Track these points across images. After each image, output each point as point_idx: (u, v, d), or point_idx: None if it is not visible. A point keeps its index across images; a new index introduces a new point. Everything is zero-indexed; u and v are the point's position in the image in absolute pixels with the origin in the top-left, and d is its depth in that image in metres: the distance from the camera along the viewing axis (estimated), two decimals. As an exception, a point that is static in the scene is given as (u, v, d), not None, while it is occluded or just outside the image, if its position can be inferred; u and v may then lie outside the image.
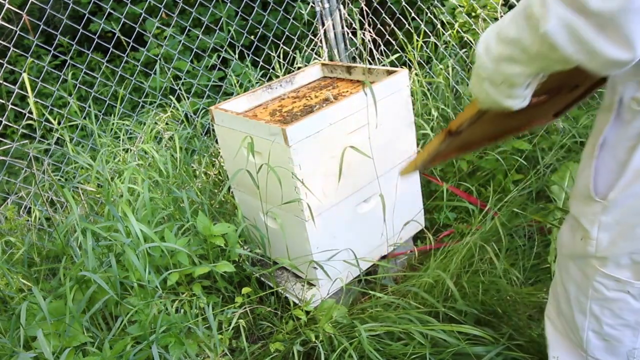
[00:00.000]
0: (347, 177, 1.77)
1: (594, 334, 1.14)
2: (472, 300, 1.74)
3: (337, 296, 1.90)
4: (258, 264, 1.97)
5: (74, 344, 1.50)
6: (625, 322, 1.08)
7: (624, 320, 1.08)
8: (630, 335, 1.09)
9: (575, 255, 1.11)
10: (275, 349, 1.70)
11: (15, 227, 2.28)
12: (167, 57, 3.94)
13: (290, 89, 2.15)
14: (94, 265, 1.61)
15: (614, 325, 1.10)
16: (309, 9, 3.01)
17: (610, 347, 1.13)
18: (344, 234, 1.85)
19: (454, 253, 1.86)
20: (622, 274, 1.03)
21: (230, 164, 1.96)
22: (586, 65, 0.78)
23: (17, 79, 3.55)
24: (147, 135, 2.58)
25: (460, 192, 2.21)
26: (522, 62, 0.86)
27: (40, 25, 2.42)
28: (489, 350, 1.54)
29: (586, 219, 1.05)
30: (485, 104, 0.97)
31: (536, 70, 0.87)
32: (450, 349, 1.55)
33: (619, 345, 1.11)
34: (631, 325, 1.08)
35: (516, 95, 0.93)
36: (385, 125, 1.83)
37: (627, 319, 1.07)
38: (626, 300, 1.05)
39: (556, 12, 0.73)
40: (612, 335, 1.11)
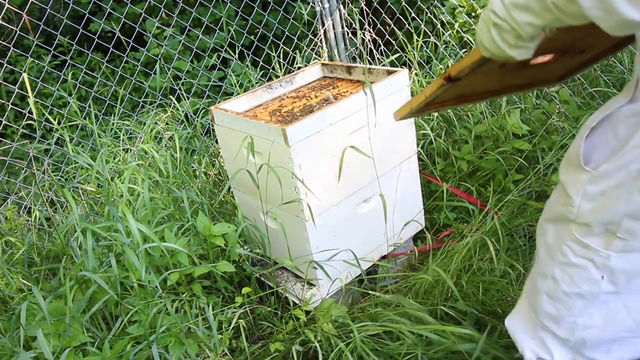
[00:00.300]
0: (347, 177, 1.77)
1: (547, 298, 1.16)
2: (472, 300, 1.74)
3: (337, 296, 1.90)
4: (258, 264, 1.97)
5: (74, 344, 1.50)
6: (580, 291, 1.09)
7: (579, 288, 1.09)
8: (581, 306, 1.10)
9: (555, 219, 1.14)
10: (275, 349, 1.70)
11: (15, 227, 2.28)
12: (167, 57, 3.94)
13: (290, 89, 2.15)
14: (94, 265, 1.61)
15: (568, 293, 1.11)
16: (309, 9, 3.01)
17: (559, 315, 1.14)
18: (344, 234, 1.85)
19: (454, 253, 1.86)
20: (593, 241, 1.05)
21: (230, 164, 1.97)
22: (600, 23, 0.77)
23: (17, 79, 3.55)
24: (147, 135, 2.58)
25: (460, 192, 2.21)
26: (535, 11, 0.85)
27: (40, 25, 2.42)
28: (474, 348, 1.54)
29: (572, 187, 1.07)
30: (489, 51, 0.96)
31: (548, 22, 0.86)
32: (441, 347, 1.55)
33: (567, 315, 1.12)
34: (584, 295, 1.09)
35: (521, 46, 0.92)
36: (385, 125, 1.83)
37: (582, 288, 1.08)
38: (588, 268, 1.06)
39: None
40: (563, 302, 1.12)
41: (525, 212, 2.04)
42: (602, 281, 1.04)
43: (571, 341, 1.16)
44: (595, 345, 1.15)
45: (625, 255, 1.02)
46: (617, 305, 1.06)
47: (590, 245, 1.06)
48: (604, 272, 1.04)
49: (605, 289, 1.05)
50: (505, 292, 1.76)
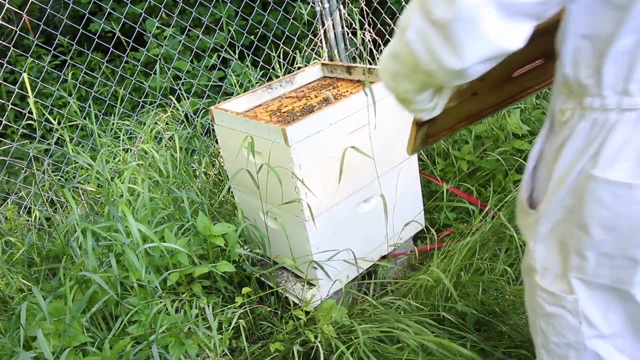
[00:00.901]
0: (347, 177, 1.77)
1: (544, 351, 1.10)
2: (472, 300, 1.74)
3: (337, 296, 1.90)
4: (258, 264, 1.97)
5: (74, 344, 1.50)
6: (567, 341, 1.03)
7: (565, 339, 1.03)
8: (575, 356, 1.03)
9: (525, 269, 1.09)
10: (275, 349, 1.70)
11: (15, 227, 2.28)
12: (167, 57, 3.94)
13: (290, 89, 2.15)
14: (94, 265, 1.61)
15: (558, 344, 1.05)
16: (309, 9, 3.01)
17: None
18: (344, 234, 1.85)
19: (454, 253, 1.86)
20: (557, 287, 1.00)
21: (230, 164, 1.96)
22: (436, 76, 0.79)
23: (17, 79, 3.55)
24: (147, 135, 2.58)
25: (461, 193, 2.21)
26: (405, 76, 0.88)
27: (40, 25, 2.42)
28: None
29: (527, 231, 1.04)
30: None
31: (419, 85, 0.88)
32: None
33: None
34: (572, 345, 1.02)
35: (420, 109, 0.96)
36: (385, 125, 1.83)
37: (568, 338, 1.02)
38: (564, 316, 1.00)
39: (415, 21, 0.76)
40: (559, 354, 1.06)
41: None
42: (582, 327, 0.99)
43: None
44: None
45: (589, 295, 0.96)
46: (608, 350, 1.00)
47: (556, 292, 1.00)
48: (579, 317, 0.98)
49: (588, 334, 0.99)
50: (504, 291, 1.76)
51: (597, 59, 0.83)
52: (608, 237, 0.89)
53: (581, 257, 0.93)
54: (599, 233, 0.89)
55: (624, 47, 0.79)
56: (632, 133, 0.82)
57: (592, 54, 0.84)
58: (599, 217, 0.88)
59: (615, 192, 0.84)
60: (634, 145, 0.82)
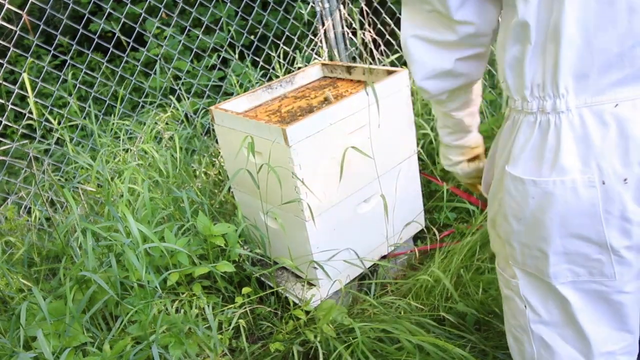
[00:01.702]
0: (348, 177, 1.77)
1: (510, 335, 1.14)
2: (473, 300, 1.74)
3: (337, 296, 1.90)
4: (258, 264, 1.97)
5: (74, 344, 1.50)
6: (519, 323, 1.07)
7: (517, 321, 1.08)
8: (527, 341, 1.07)
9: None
10: (275, 349, 1.70)
11: (15, 227, 2.28)
12: (167, 57, 3.94)
13: (290, 89, 2.15)
14: (94, 265, 1.60)
15: (515, 327, 1.10)
16: (309, 9, 3.01)
17: (520, 351, 1.11)
18: (344, 234, 1.85)
19: (454, 253, 1.86)
20: (506, 271, 1.06)
21: (230, 164, 1.96)
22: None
23: (17, 79, 3.55)
24: (147, 135, 2.58)
25: (461, 192, 2.21)
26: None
27: (40, 25, 2.42)
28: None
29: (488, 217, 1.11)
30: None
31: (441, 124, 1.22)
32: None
33: (524, 352, 1.10)
34: (524, 328, 1.06)
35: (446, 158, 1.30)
36: (385, 125, 1.83)
37: (519, 321, 1.07)
38: (514, 299, 1.06)
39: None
40: (516, 338, 1.11)
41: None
42: (526, 310, 1.03)
43: None
44: None
45: (527, 281, 1.01)
46: (552, 337, 1.02)
47: (505, 275, 1.06)
48: (523, 301, 1.03)
49: (532, 319, 1.03)
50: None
51: (501, 64, 0.94)
52: (521, 227, 0.95)
53: (510, 246, 1.00)
54: (515, 223, 0.96)
55: (513, 55, 0.88)
56: (530, 134, 0.90)
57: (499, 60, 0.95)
58: (511, 209, 0.95)
59: (517, 186, 0.92)
60: (532, 144, 0.89)
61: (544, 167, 0.88)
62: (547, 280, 0.96)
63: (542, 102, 0.87)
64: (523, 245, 0.96)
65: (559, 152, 0.85)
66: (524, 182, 0.90)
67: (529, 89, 0.88)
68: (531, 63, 0.86)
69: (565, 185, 0.86)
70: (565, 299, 0.96)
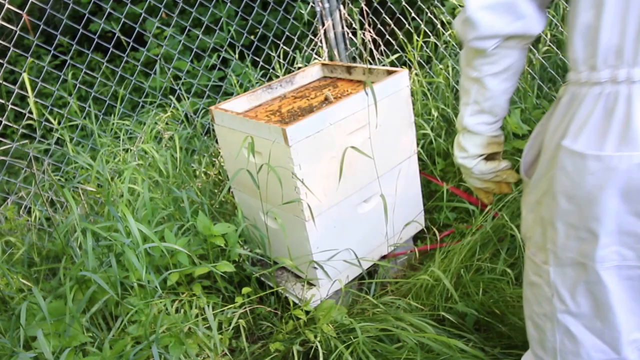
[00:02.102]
0: (347, 177, 1.77)
1: (530, 322, 1.12)
2: (473, 301, 1.74)
3: (337, 296, 1.90)
4: (258, 264, 1.97)
5: (74, 344, 1.50)
6: (544, 311, 1.05)
7: (543, 309, 1.05)
8: (550, 329, 1.05)
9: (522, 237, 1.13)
10: (275, 349, 1.70)
11: (15, 227, 2.28)
12: (167, 57, 3.94)
13: (290, 89, 2.15)
14: (94, 265, 1.60)
15: (538, 314, 1.07)
16: (309, 9, 3.01)
17: (541, 339, 1.09)
18: (344, 234, 1.85)
19: (454, 253, 1.86)
20: (538, 256, 1.03)
21: (230, 164, 1.96)
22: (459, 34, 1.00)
23: (17, 79, 3.55)
24: (147, 135, 2.58)
25: (461, 192, 2.21)
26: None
27: (40, 25, 2.42)
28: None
29: (523, 200, 1.08)
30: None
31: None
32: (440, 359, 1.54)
33: (545, 340, 1.08)
34: (548, 316, 1.04)
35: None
36: (385, 125, 1.83)
37: (545, 308, 1.05)
38: (542, 286, 1.03)
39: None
40: (538, 325, 1.08)
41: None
42: (553, 299, 1.01)
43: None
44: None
45: (560, 270, 0.99)
46: (578, 328, 1.01)
47: (536, 260, 1.04)
48: (552, 289, 1.01)
49: (559, 308, 1.01)
50: (503, 292, 1.76)
51: (570, 33, 0.88)
52: (571, 206, 0.91)
53: (553, 228, 0.96)
54: (564, 202, 0.92)
55: (586, 21, 0.84)
56: (594, 107, 0.86)
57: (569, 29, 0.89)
58: (563, 186, 0.91)
59: (575, 162, 0.88)
60: (594, 118, 0.86)
61: (608, 141, 0.83)
62: (590, 265, 0.93)
63: (615, 70, 0.83)
64: (570, 226, 0.93)
65: (630, 125, 0.81)
66: (584, 158, 0.86)
67: (602, 57, 0.83)
68: (608, 28, 0.81)
69: (632, 161, 0.82)
70: (604, 285, 0.93)
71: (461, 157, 1.16)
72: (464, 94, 1.08)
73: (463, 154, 1.15)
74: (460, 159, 1.16)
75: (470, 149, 1.13)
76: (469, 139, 1.13)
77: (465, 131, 1.13)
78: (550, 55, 2.76)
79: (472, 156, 1.14)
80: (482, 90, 1.04)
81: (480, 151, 1.13)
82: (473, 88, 1.05)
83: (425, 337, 1.57)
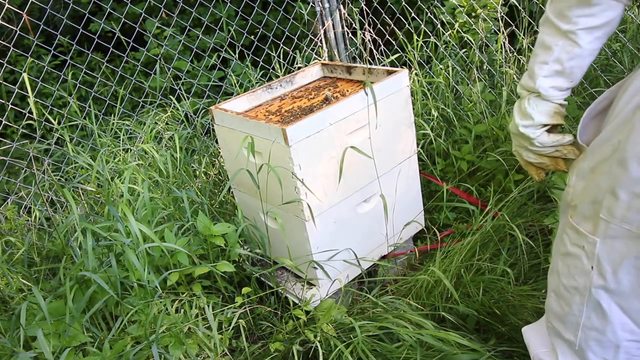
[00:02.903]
0: (347, 177, 1.77)
1: (554, 295, 1.11)
2: (473, 301, 1.74)
3: (337, 296, 1.90)
4: (258, 264, 1.97)
5: (74, 344, 1.50)
6: (576, 284, 1.03)
7: (575, 282, 1.03)
8: (579, 303, 1.03)
9: (561, 206, 1.10)
10: (275, 349, 1.70)
11: (15, 227, 2.28)
12: (167, 57, 3.94)
13: (290, 89, 2.15)
14: (94, 265, 1.60)
15: (567, 287, 1.05)
16: (309, 9, 3.01)
17: (563, 314, 1.08)
18: (344, 234, 1.85)
19: (454, 253, 1.86)
20: (583, 226, 1.00)
21: (230, 164, 1.96)
22: None
23: (17, 78, 3.55)
24: (147, 135, 2.58)
25: (461, 193, 2.21)
26: None
27: (40, 25, 2.42)
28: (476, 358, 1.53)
29: (572, 166, 1.05)
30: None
31: None
32: (439, 355, 1.54)
33: (569, 314, 1.06)
34: (580, 290, 1.02)
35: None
36: (385, 125, 1.83)
37: (577, 281, 1.02)
38: (581, 258, 1.01)
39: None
40: (565, 298, 1.06)
41: (526, 212, 2.04)
42: (592, 272, 0.98)
43: (576, 344, 1.10)
44: (599, 351, 1.08)
45: (609, 242, 0.95)
46: (610, 305, 1.00)
47: (581, 230, 1.00)
48: (592, 261, 0.98)
49: (596, 282, 0.99)
50: (504, 292, 1.76)
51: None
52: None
53: (614, 197, 0.91)
54: (636, 168, 0.87)
55: None
56: None
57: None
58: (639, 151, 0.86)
59: None
60: None
61: None
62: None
63: None
64: (635, 196, 0.88)
65: None
66: None
67: None
68: None
69: None
70: None
71: (524, 125, 1.05)
72: (543, 50, 0.98)
73: (527, 121, 1.04)
74: (522, 128, 1.05)
75: (536, 116, 1.03)
76: (536, 105, 1.03)
77: (533, 95, 1.03)
78: (550, 55, 2.76)
79: (536, 125, 1.04)
80: (570, 46, 0.95)
81: (546, 120, 1.04)
82: (558, 44, 0.96)
83: (423, 333, 1.57)
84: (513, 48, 2.72)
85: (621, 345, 1.04)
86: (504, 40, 2.64)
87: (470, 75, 2.74)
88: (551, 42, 0.97)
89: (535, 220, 1.99)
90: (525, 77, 1.04)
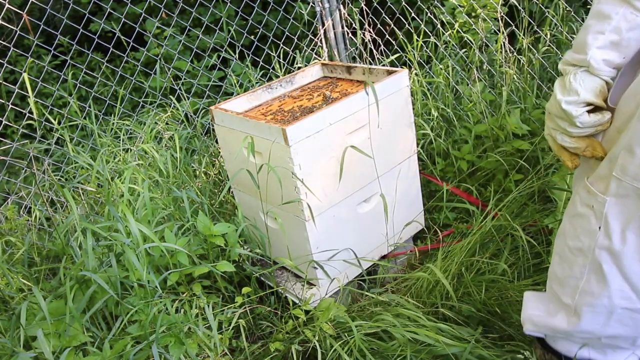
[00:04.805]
0: (347, 177, 1.77)
1: (557, 258, 1.11)
2: (473, 300, 1.74)
3: (337, 296, 1.90)
4: (258, 264, 1.97)
5: (74, 344, 1.50)
6: (580, 245, 1.03)
7: (580, 242, 1.03)
8: (581, 265, 1.03)
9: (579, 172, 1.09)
10: (275, 349, 1.70)
11: (16, 227, 2.28)
12: (167, 57, 3.94)
13: (290, 89, 2.15)
14: (94, 265, 1.61)
15: (571, 248, 1.06)
16: (309, 9, 3.01)
17: (564, 276, 1.08)
18: (344, 233, 1.85)
19: (454, 253, 1.86)
20: (596, 185, 1.00)
21: (230, 164, 1.97)
22: None
23: (17, 79, 3.55)
24: (147, 135, 2.58)
25: (461, 192, 2.21)
26: None
27: (40, 25, 2.42)
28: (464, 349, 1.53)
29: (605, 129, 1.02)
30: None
31: None
32: (429, 350, 1.55)
33: (570, 277, 1.06)
34: (584, 250, 1.02)
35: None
36: (385, 125, 1.83)
37: (582, 242, 1.03)
38: (589, 218, 1.01)
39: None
40: (568, 260, 1.07)
41: (526, 212, 2.04)
42: (599, 232, 0.98)
43: (572, 308, 1.09)
44: (592, 317, 1.07)
45: (620, 201, 0.95)
46: (611, 269, 0.99)
47: (592, 189, 1.00)
48: (600, 221, 0.98)
49: (601, 243, 0.99)
50: (505, 291, 1.76)
51: None
52: None
53: (630, 154, 0.89)
54: None
55: None
56: None
57: None
58: None
59: None
60: None
61: None
62: None
63: None
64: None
65: None
66: None
67: None
68: None
69: None
70: None
71: (567, 101, 0.97)
72: (598, 20, 0.92)
73: (572, 97, 0.96)
74: (564, 104, 0.97)
75: (582, 92, 0.96)
76: (584, 80, 0.96)
77: (580, 70, 0.97)
78: (550, 55, 2.77)
79: (581, 102, 0.97)
80: (632, 15, 0.89)
81: (591, 97, 0.97)
82: (619, 12, 0.90)
83: (417, 332, 1.56)
84: (513, 48, 2.72)
85: (614, 312, 1.04)
86: (504, 40, 2.64)
87: (470, 75, 2.74)
88: (610, 10, 0.91)
89: (536, 220, 1.99)
90: (571, 53, 0.99)
